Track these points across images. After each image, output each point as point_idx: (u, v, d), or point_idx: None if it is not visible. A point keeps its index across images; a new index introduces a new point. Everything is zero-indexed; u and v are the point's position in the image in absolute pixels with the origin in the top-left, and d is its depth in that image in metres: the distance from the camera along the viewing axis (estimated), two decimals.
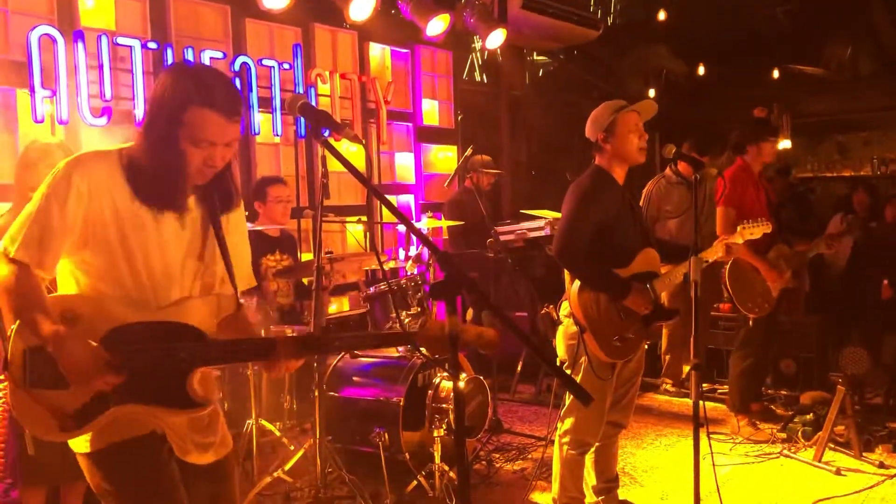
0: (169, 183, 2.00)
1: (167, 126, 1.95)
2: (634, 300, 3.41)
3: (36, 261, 1.92)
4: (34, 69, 4.45)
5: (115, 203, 1.96)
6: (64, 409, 1.92)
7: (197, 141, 1.95)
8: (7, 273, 1.92)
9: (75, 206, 1.93)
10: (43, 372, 1.90)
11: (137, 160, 1.99)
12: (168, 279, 2.04)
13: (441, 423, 4.00)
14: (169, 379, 1.99)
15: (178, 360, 1.97)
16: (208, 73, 2.03)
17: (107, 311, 1.96)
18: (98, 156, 2.01)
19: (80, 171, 1.95)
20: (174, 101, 1.94)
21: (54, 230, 1.93)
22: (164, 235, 2.03)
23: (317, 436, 3.86)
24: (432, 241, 1.86)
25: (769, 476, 4.38)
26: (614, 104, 3.51)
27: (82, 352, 1.85)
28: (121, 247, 1.98)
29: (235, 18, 5.77)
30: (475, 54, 9.36)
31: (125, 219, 1.97)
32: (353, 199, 6.75)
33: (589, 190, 3.47)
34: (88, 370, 1.85)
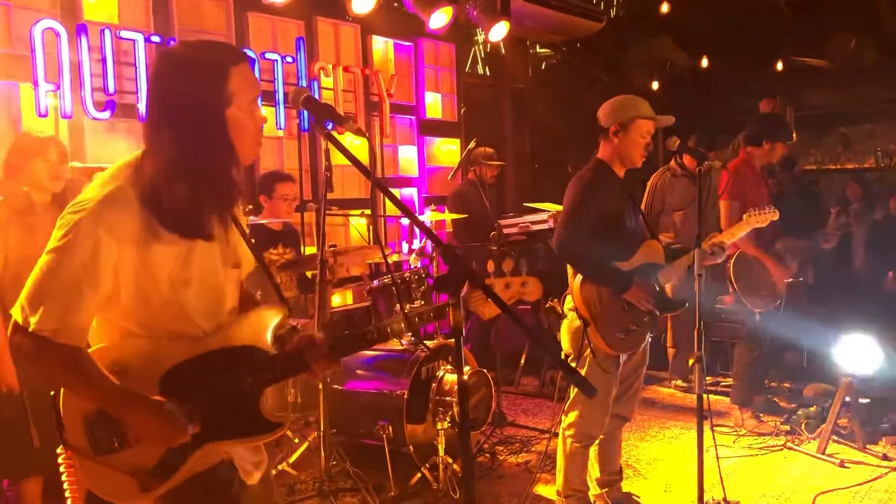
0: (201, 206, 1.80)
1: (215, 116, 1.76)
2: (635, 293, 3.40)
3: (64, 334, 1.70)
4: (37, 63, 4.45)
5: (143, 248, 1.75)
6: (141, 467, 1.77)
7: (250, 103, 1.80)
8: (31, 349, 1.70)
9: (106, 274, 1.72)
10: (109, 434, 1.76)
11: (163, 185, 1.75)
12: (209, 304, 1.88)
13: (445, 415, 4.01)
14: (242, 408, 1.86)
15: (245, 386, 1.85)
16: (206, 41, 1.89)
17: (153, 353, 1.80)
18: (116, 200, 1.74)
19: (104, 225, 1.71)
20: (212, 81, 1.75)
21: (84, 297, 1.71)
22: (198, 264, 1.84)
23: (321, 428, 3.87)
24: (436, 234, 1.85)
25: (773, 468, 4.38)
26: (639, 103, 3.45)
27: (149, 414, 1.72)
28: (155, 291, 1.78)
29: (238, 12, 5.77)
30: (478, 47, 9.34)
31: (156, 262, 1.77)
32: (356, 192, 6.75)
33: (590, 183, 3.47)
34: (166, 431, 1.73)
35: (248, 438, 1.92)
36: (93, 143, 4.88)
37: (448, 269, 1.76)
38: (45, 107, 4.50)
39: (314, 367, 1.91)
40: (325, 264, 3.85)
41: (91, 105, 4.68)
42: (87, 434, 1.76)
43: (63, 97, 4.58)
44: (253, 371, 1.87)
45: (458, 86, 7.95)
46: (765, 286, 4.79)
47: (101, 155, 4.75)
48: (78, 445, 1.77)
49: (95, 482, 1.81)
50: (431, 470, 4.01)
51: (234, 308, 1.98)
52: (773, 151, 4.97)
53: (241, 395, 1.85)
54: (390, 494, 3.94)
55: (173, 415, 1.74)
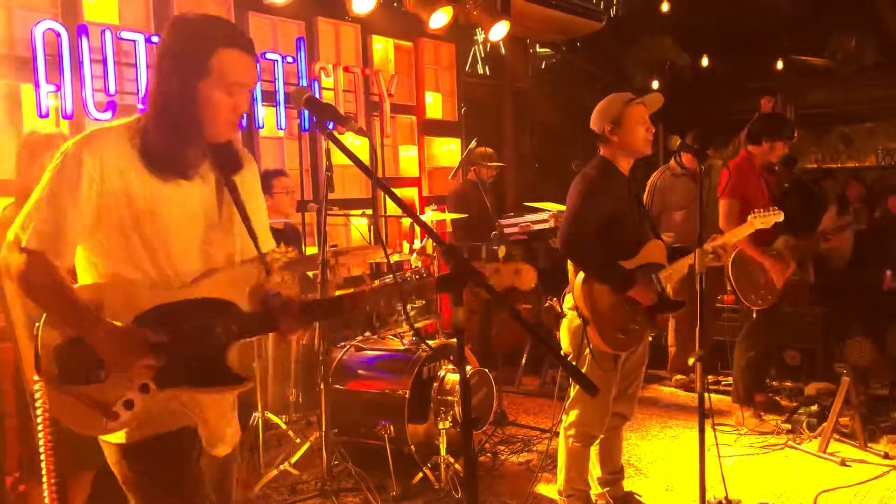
0: (180, 145, 1.91)
1: (186, 78, 1.86)
2: (639, 291, 3.41)
3: (52, 249, 1.83)
4: (38, 64, 4.45)
5: (127, 182, 1.87)
6: (105, 400, 1.84)
7: (229, 85, 1.87)
8: (23, 264, 1.83)
9: (88, 191, 1.84)
10: (78, 366, 1.83)
11: (149, 128, 1.90)
12: (188, 254, 1.96)
13: (446, 415, 4.02)
14: (208, 358, 1.91)
15: (215, 336, 1.90)
16: (217, 17, 1.96)
17: (131, 295, 1.88)
18: (106, 132, 1.91)
19: (90, 150, 1.84)
20: (198, 48, 1.86)
21: (68, 217, 1.83)
22: (179, 208, 1.93)
23: (322, 428, 3.88)
24: (438, 234, 1.86)
25: (774, 467, 4.38)
26: (622, 96, 3.51)
27: (120, 335, 1.79)
28: (135, 226, 1.89)
29: (239, 12, 5.77)
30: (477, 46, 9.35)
31: (137, 195, 1.87)
32: (357, 192, 6.75)
33: (594, 181, 3.47)
34: (130, 353, 1.79)
35: (212, 388, 1.97)
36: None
37: (450, 268, 1.76)
38: (46, 107, 4.50)
39: (282, 327, 1.97)
40: (326, 264, 3.86)
41: (92, 105, 4.68)
42: (57, 363, 1.84)
43: (64, 98, 4.58)
44: (223, 323, 1.92)
45: (458, 85, 7.95)
46: (763, 284, 4.79)
47: None
48: (49, 373, 1.85)
49: (62, 412, 1.89)
50: (433, 469, 4.01)
51: (210, 271, 2.00)
52: (773, 150, 4.97)
53: (209, 345, 1.91)
54: (392, 494, 3.94)
55: (136, 341, 1.80)
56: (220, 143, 2.00)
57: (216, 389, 1.99)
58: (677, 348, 6.09)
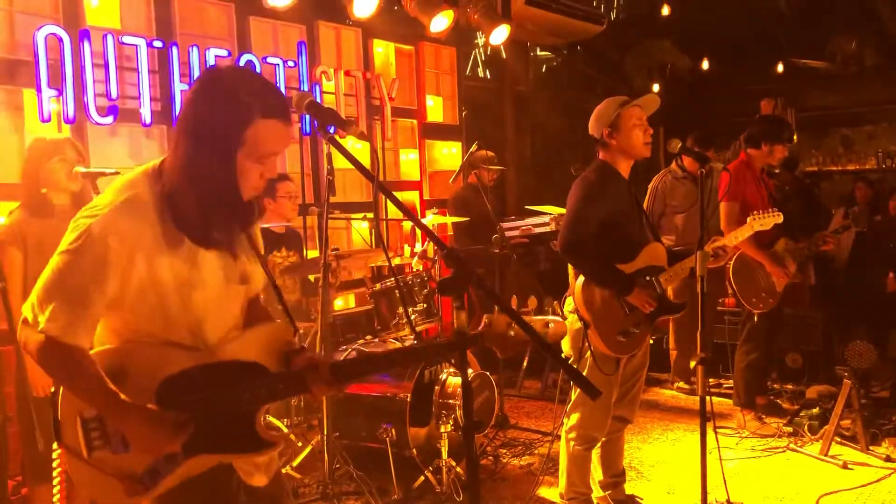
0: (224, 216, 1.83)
1: (224, 150, 1.76)
2: (638, 296, 3.41)
3: (70, 335, 1.73)
4: (40, 69, 4.46)
5: (153, 263, 1.78)
6: (130, 472, 1.78)
7: (262, 156, 1.79)
8: (39, 345, 1.74)
9: (113, 276, 1.74)
10: (103, 437, 1.78)
11: (182, 196, 1.79)
12: (214, 315, 1.90)
13: (448, 418, 4.02)
14: (236, 424, 1.85)
15: (243, 403, 1.84)
16: (253, 77, 1.85)
17: (154, 360, 1.81)
18: (131, 208, 1.78)
19: (117, 235, 1.74)
20: (233, 118, 1.76)
21: (91, 302, 1.74)
22: (204, 271, 1.86)
23: (324, 432, 3.88)
24: (439, 238, 1.86)
25: (776, 470, 4.38)
26: (617, 100, 3.52)
27: (144, 421, 1.74)
28: (160, 303, 1.81)
29: (240, 16, 5.78)
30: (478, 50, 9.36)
31: (164, 274, 1.79)
32: (358, 195, 6.76)
33: (594, 184, 3.48)
34: (157, 439, 1.74)
35: (239, 454, 1.93)
36: (95, 148, 4.89)
37: (452, 272, 1.77)
38: (48, 112, 4.51)
39: (314, 391, 1.92)
40: (328, 268, 3.86)
41: (94, 110, 4.69)
42: (82, 434, 1.79)
43: (66, 102, 4.59)
44: (251, 388, 1.86)
45: (459, 89, 7.96)
46: (764, 287, 4.80)
47: (103, 160, 4.76)
48: (72, 445, 1.80)
49: (85, 482, 1.84)
50: (435, 473, 4.01)
51: (238, 324, 1.99)
52: (772, 153, 4.98)
53: (236, 410, 1.85)
54: (394, 498, 3.95)
55: (163, 423, 1.75)
56: None
57: (244, 455, 1.94)
58: (678, 352, 6.08)
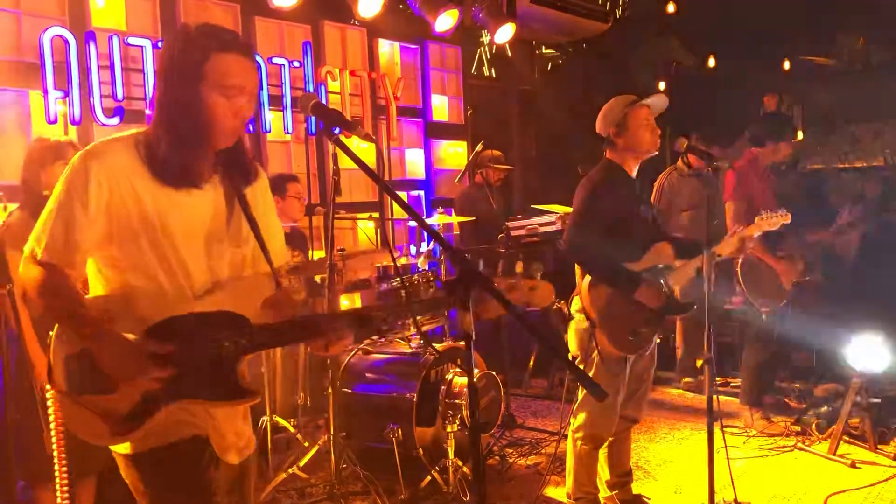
0: (188, 154, 1.92)
1: (185, 86, 1.88)
2: (645, 294, 3.40)
3: (65, 261, 1.87)
4: (47, 70, 4.48)
5: (135, 190, 1.88)
6: (114, 412, 1.85)
7: (226, 88, 1.89)
8: (37, 275, 1.86)
9: (97, 199, 1.86)
10: (88, 376, 1.84)
11: (155, 137, 1.91)
12: (199, 265, 1.97)
13: (454, 418, 4.01)
14: (217, 371, 1.91)
15: (223, 349, 1.90)
16: (212, 24, 1.99)
17: (142, 307, 1.90)
18: (113, 142, 1.93)
19: (98, 162, 1.87)
20: (192, 56, 1.88)
21: (79, 226, 1.86)
22: (188, 217, 1.95)
23: (331, 432, 3.89)
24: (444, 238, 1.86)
25: (783, 469, 4.37)
26: (625, 99, 3.51)
27: (125, 347, 1.82)
28: (146, 236, 1.90)
29: (245, 17, 5.79)
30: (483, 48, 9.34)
31: (147, 206, 1.89)
32: (364, 195, 6.76)
33: (600, 184, 3.47)
34: (133, 366, 1.81)
35: (221, 401, 1.97)
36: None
37: (457, 272, 1.76)
38: (55, 113, 4.53)
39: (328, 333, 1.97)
40: (334, 268, 3.86)
41: (100, 111, 4.71)
42: (67, 374, 1.87)
43: (72, 104, 4.61)
44: (232, 336, 1.91)
45: (464, 88, 7.95)
46: (772, 286, 4.78)
47: None
48: (60, 383, 1.88)
49: (72, 420, 1.92)
50: (441, 473, 4.01)
51: (221, 283, 2.01)
52: (777, 151, 4.96)
53: (218, 358, 1.90)
54: (400, 497, 3.94)
55: (143, 353, 1.82)
56: (232, 154, 2.02)
57: (225, 403, 1.98)
58: (685, 350, 6.07)
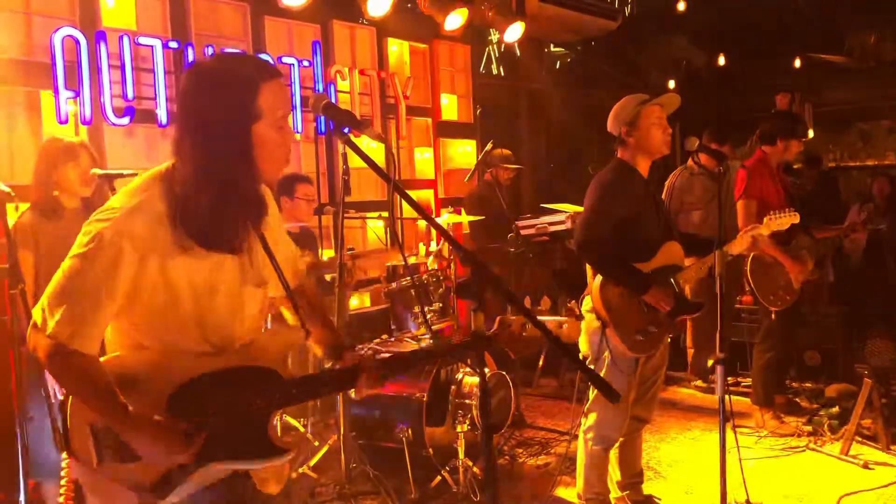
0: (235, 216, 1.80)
1: (243, 125, 1.74)
2: (655, 295, 3.39)
3: (78, 340, 1.71)
4: (57, 70, 4.49)
5: (164, 260, 1.75)
6: (141, 482, 1.75)
7: (278, 121, 1.78)
8: (48, 349, 1.71)
9: (125, 279, 1.72)
10: (114, 446, 1.74)
11: (192, 200, 1.75)
12: (228, 320, 1.88)
13: (464, 418, 4.01)
14: (249, 430, 1.83)
15: (255, 409, 1.82)
16: (235, 55, 1.91)
17: (166, 368, 1.79)
18: (143, 211, 1.75)
19: (129, 238, 1.71)
20: (244, 92, 1.74)
21: (102, 307, 1.72)
22: (218, 282, 1.85)
23: (341, 432, 3.89)
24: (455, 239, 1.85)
25: (796, 470, 4.34)
26: (637, 98, 3.49)
27: (154, 432, 1.71)
28: (172, 305, 1.79)
29: (255, 16, 5.79)
30: (491, 47, 9.33)
31: (175, 277, 1.78)
32: (373, 194, 6.76)
33: (611, 183, 3.46)
34: (167, 450, 1.71)
35: (252, 462, 1.89)
36: (112, 148, 4.92)
37: (470, 274, 1.76)
38: (66, 113, 4.54)
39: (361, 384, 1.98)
40: (343, 268, 3.86)
41: (110, 111, 4.72)
42: (93, 444, 1.74)
43: (83, 104, 4.62)
44: (264, 393, 1.85)
45: (473, 87, 7.94)
46: (781, 285, 4.75)
47: (120, 161, 4.79)
48: (82, 454, 1.76)
49: (95, 492, 1.81)
50: (451, 473, 4.00)
51: (256, 327, 1.97)
52: (787, 149, 4.94)
53: (249, 416, 1.83)
54: (410, 497, 3.94)
55: (173, 435, 1.72)
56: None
57: (257, 462, 1.90)
58: (695, 349, 6.05)
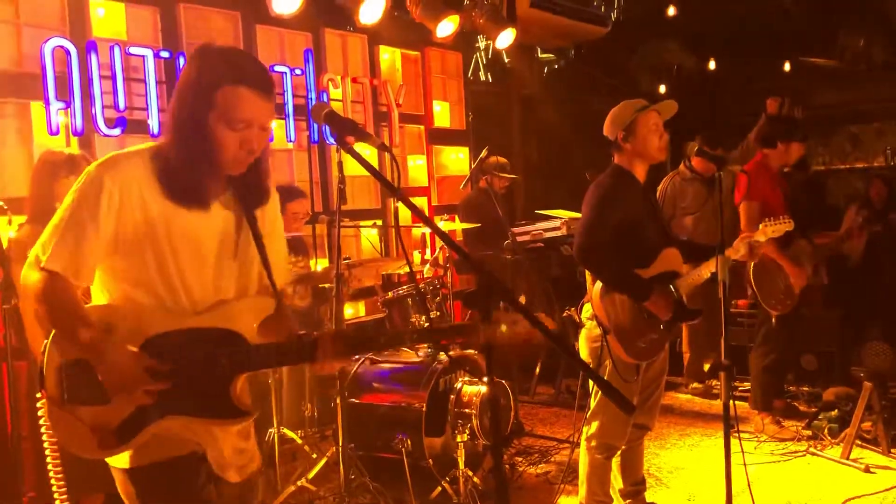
0: (198, 173, 1.91)
1: (197, 110, 1.88)
2: (656, 302, 3.37)
3: (71, 270, 1.85)
4: (48, 81, 4.44)
5: (145, 203, 1.88)
6: (104, 424, 1.85)
7: (232, 122, 1.88)
8: (39, 281, 1.85)
9: (107, 210, 1.85)
10: (81, 386, 1.84)
11: (166, 154, 1.91)
12: (202, 282, 1.97)
13: (464, 428, 3.98)
14: (211, 388, 1.92)
15: (219, 367, 1.90)
16: (236, 51, 1.99)
17: (141, 320, 1.89)
18: (128, 155, 1.93)
19: (112, 173, 1.87)
20: (204, 82, 1.88)
21: (88, 238, 1.85)
22: (196, 235, 1.94)
23: (339, 443, 3.84)
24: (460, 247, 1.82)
25: (797, 474, 4.33)
26: (634, 103, 3.48)
27: (122, 358, 1.81)
28: (152, 250, 1.90)
29: (246, 25, 5.76)
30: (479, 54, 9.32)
31: (155, 220, 1.89)
32: (366, 202, 6.72)
33: (610, 190, 3.44)
34: (129, 377, 1.80)
35: (212, 420, 1.96)
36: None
37: (477, 284, 1.73)
38: (56, 125, 4.49)
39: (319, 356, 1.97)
40: (340, 277, 3.83)
41: (102, 122, 4.67)
42: (59, 382, 1.85)
43: (74, 115, 4.57)
44: (230, 354, 1.91)
45: (465, 94, 7.93)
46: (782, 289, 4.75)
47: None
48: (52, 393, 1.86)
49: (59, 429, 1.90)
50: (452, 483, 3.97)
51: (224, 301, 2.01)
52: (788, 152, 4.95)
53: (213, 375, 1.90)
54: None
55: (140, 365, 1.81)
56: (247, 175, 2.01)
57: (216, 421, 1.97)
58: (691, 354, 6.03)
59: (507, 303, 1.69)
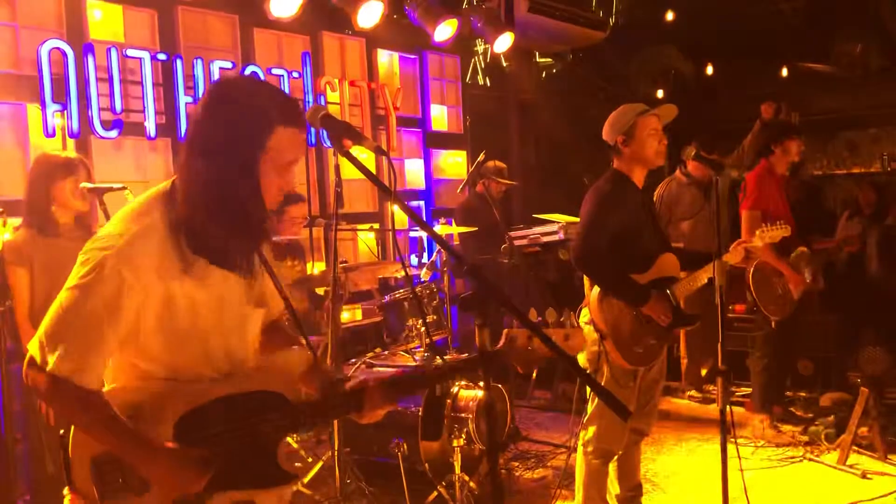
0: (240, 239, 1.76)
1: (250, 159, 1.69)
2: (654, 307, 3.36)
3: (80, 372, 1.64)
4: (45, 83, 4.44)
5: (167, 284, 1.70)
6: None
7: (283, 166, 1.74)
8: (47, 386, 1.64)
9: (128, 306, 1.66)
10: (118, 480, 1.68)
11: (196, 221, 1.71)
12: (229, 341, 1.84)
13: (460, 432, 3.96)
14: (257, 457, 1.78)
15: (265, 436, 1.78)
16: (268, 87, 1.84)
17: (171, 394, 1.73)
18: (145, 238, 1.70)
19: (130, 266, 1.65)
20: (256, 128, 1.70)
21: (104, 338, 1.66)
22: (220, 292, 1.80)
23: (335, 447, 3.82)
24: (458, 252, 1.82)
25: (794, 480, 4.32)
26: (634, 107, 3.47)
27: (170, 460, 1.66)
28: (175, 326, 1.74)
29: (244, 28, 5.76)
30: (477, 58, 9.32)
31: (178, 298, 1.72)
32: (364, 206, 6.72)
33: (608, 194, 3.43)
34: (182, 477, 1.66)
35: (262, 489, 1.83)
36: (100, 162, 4.86)
37: (474, 288, 1.72)
38: (53, 127, 4.48)
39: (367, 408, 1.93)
40: (337, 281, 3.81)
41: (98, 124, 4.67)
42: (95, 477, 1.68)
43: (70, 117, 4.56)
44: (272, 419, 1.80)
45: (463, 98, 7.94)
46: (781, 294, 4.75)
47: (108, 174, 4.73)
48: (84, 488, 1.69)
49: None
50: (448, 488, 3.95)
51: (256, 349, 1.93)
52: (787, 152, 4.96)
53: (257, 443, 1.78)
54: None
55: (187, 462, 1.67)
56: None
57: (267, 490, 1.85)
58: (689, 359, 6.03)
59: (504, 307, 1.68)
